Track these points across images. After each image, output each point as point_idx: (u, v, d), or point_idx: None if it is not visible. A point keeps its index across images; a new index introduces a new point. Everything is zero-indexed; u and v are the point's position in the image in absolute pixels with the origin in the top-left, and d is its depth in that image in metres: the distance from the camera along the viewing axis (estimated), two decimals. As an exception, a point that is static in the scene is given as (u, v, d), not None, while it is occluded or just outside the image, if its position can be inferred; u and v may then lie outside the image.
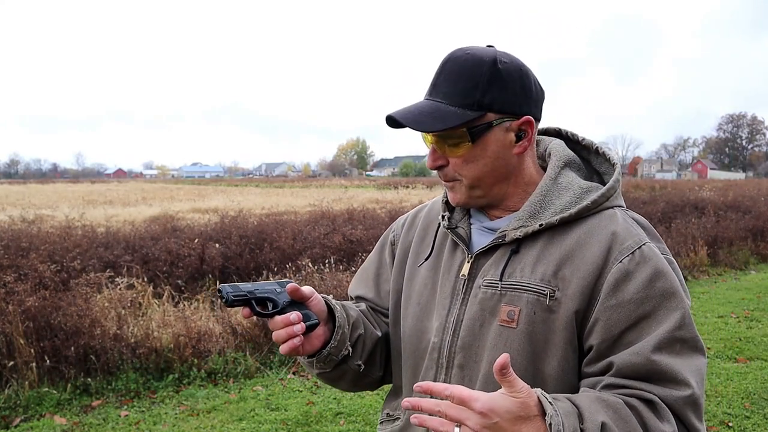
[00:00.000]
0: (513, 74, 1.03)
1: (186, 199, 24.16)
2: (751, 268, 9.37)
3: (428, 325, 1.12)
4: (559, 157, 1.11)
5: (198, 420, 3.92)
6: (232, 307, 1.05)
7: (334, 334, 1.11)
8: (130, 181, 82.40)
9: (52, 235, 7.65)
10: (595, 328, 0.97)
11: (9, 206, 18.74)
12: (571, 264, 1.00)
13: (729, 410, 3.99)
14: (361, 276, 1.33)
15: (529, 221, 1.04)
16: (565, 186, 1.07)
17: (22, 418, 3.87)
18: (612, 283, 0.97)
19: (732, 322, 6.13)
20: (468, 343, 1.05)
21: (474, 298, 1.06)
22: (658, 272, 0.97)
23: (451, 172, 1.06)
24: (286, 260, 6.85)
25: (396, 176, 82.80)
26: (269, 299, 1.07)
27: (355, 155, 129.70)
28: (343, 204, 14.76)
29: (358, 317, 1.19)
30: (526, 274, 1.02)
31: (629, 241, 1.00)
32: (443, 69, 1.04)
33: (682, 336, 0.95)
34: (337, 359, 1.13)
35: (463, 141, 1.02)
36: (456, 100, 1.01)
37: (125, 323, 4.66)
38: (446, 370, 1.07)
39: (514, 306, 1.01)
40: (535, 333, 0.99)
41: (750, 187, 23.86)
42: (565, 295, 0.99)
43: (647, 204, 12.54)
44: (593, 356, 0.98)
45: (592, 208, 1.04)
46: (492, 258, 1.07)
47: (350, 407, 4.11)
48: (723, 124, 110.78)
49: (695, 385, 0.93)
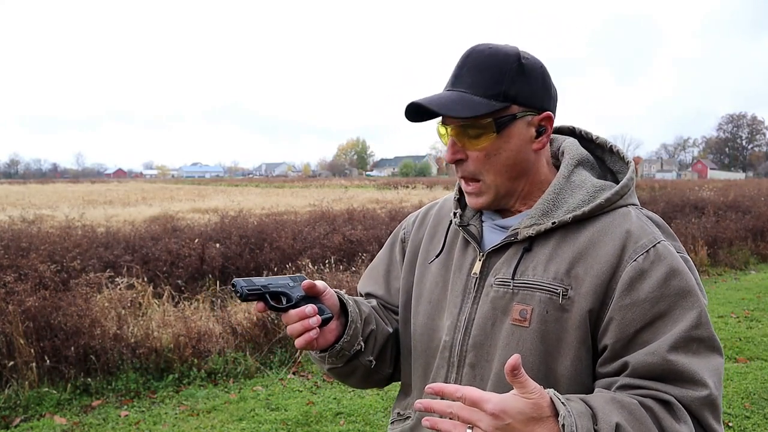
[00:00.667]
0: (536, 69, 1.04)
1: (186, 199, 24.16)
2: (751, 268, 9.37)
3: (439, 324, 1.12)
4: (573, 155, 1.11)
5: (198, 420, 3.92)
6: (246, 301, 1.05)
7: (346, 328, 1.11)
8: (130, 181, 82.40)
9: (52, 235, 7.66)
10: (609, 327, 0.96)
11: (9, 206, 18.74)
12: (585, 262, 0.99)
13: (729, 410, 3.99)
14: (371, 273, 1.33)
15: (541, 219, 1.04)
16: (579, 184, 1.06)
17: (22, 418, 3.87)
18: (626, 281, 0.95)
19: (732, 322, 6.13)
20: (480, 342, 1.04)
21: (486, 296, 1.05)
22: (673, 270, 0.96)
23: (471, 167, 1.05)
24: (286, 260, 6.85)
25: (396, 176, 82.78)
26: (283, 293, 1.06)
27: (355, 155, 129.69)
28: (343, 204, 14.77)
29: (370, 313, 1.19)
30: (538, 272, 1.01)
31: (644, 239, 0.98)
32: (466, 61, 1.03)
33: (699, 335, 0.93)
34: (350, 354, 1.13)
35: (488, 132, 1.01)
36: (481, 90, 1.00)
37: (125, 323, 4.66)
38: (458, 368, 1.07)
39: (527, 305, 1.00)
40: (547, 332, 0.98)
41: (750, 187, 23.86)
42: (579, 293, 0.98)
43: (647, 204, 12.54)
44: (608, 356, 0.97)
45: (605, 206, 1.03)
46: (504, 256, 1.06)
47: (350, 407, 4.11)
48: (723, 124, 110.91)
49: (713, 385, 0.91)
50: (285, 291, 1.07)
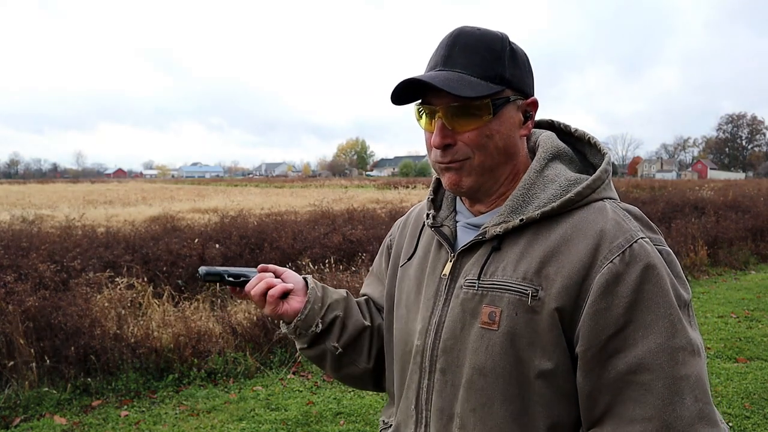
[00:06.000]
0: (523, 55, 1.03)
1: (186, 199, 24.15)
2: (751, 268, 9.36)
3: (412, 327, 1.09)
4: (547, 149, 1.06)
5: (198, 420, 3.92)
6: (205, 281, 1.22)
7: (302, 307, 1.16)
8: (130, 181, 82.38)
9: (52, 235, 7.66)
10: (581, 333, 0.91)
11: (9, 206, 18.74)
12: (556, 262, 0.93)
13: (729, 410, 3.99)
14: (369, 278, 1.36)
15: (510, 216, 0.99)
16: (552, 178, 1.01)
17: (22, 418, 3.87)
18: (602, 284, 0.90)
19: (732, 322, 6.13)
20: (450, 346, 1.00)
21: (456, 299, 1.01)
22: (648, 273, 0.90)
23: (463, 149, 0.99)
24: (286, 260, 6.85)
25: (396, 176, 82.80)
26: (242, 275, 1.18)
27: (355, 155, 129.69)
28: (343, 204, 14.77)
29: (339, 300, 1.22)
30: (507, 272, 0.96)
31: (620, 238, 0.92)
32: (456, 41, 0.99)
33: (678, 344, 0.88)
34: (306, 333, 1.17)
35: (484, 113, 0.97)
36: (477, 71, 0.96)
37: (125, 323, 4.66)
38: (429, 374, 1.03)
39: (495, 307, 0.96)
40: (517, 335, 0.94)
41: (750, 187, 23.86)
42: (549, 294, 0.92)
43: (647, 204, 12.53)
44: (581, 374, 0.92)
45: (576, 201, 0.97)
46: (474, 256, 1.02)
47: (350, 407, 4.11)
48: (723, 124, 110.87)
49: (699, 397, 0.88)
50: (244, 273, 1.18)
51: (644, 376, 0.88)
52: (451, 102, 0.96)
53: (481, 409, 0.97)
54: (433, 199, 1.16)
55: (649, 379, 0.87)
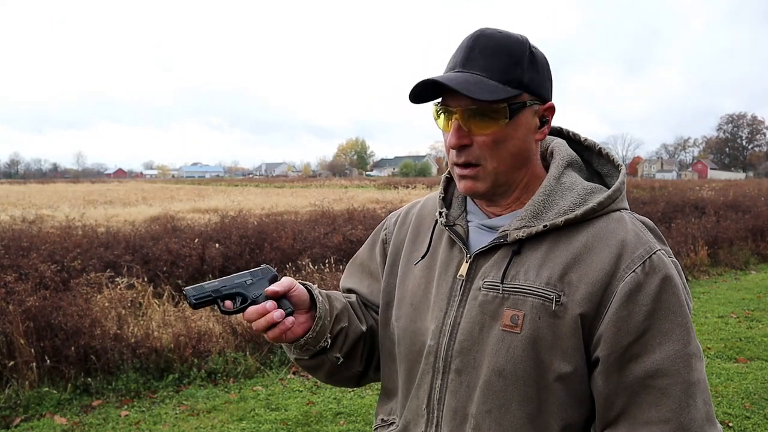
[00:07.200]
0: (543, 59, 1.02)
1: (186, 199, 24.17)
2: (751, 268, 9.36)
3: (422, 327, 1.08)
4: (563, 156, 1.08)
5: (198, 420, 3.92)
6: (198, 308, 1.02)
7: (314, 324, 1.10)
8: (130, 181, 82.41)
9: (52, 235, 7.67)
10: (603, 338, 0.94)
11: (9, 206, 18.75)
12: (579, 269, 0.96)
13: (729, 410, 3.99)
14: (352, 269, 1.31)
15: (532, 221, 1.00)
16: (569, 186, 1.03)
17: (22, 418, 3.87)
18: (625, 293, 0.93)
19: (732, 322, 6.13)
20: (467, 347, 1.00)
21: (473, 300, 1.01)
22: (666, 283, 0.94)
23: (477, 152, 1.00)
24: (287, 260, 6.86)
25: (396, 176, 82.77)
26: (238, 294, 1.05)
27: (355, 155, 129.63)
28: (343, 204, 14.79)
29: (343, 309, 1.17)
30: (530, 277, 0.98)
31: (640, 249, 0.96)
32: (476, 43, 0.99)
33: (691, 351, 0.93)
34: (315, 349, 1.12)
35: (501, 117, 0.97)
36: (496, 75, 0.97)
37: (125, 323, 4.67)
38: (443, 375, 1.03)
39: (518, 310, 0.97)
40: (539, 339, 0.95)
41: (750, 187, 23.88)
42: (572, 300, 0.95)
43: (647, 204, 12.54)
44: (600, 380, 0.96)
45: (597, 210, 1.00)
46: (492, 259, 1.02)
47: (350, 407, 4.11)
48: (723, 124, 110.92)
49: (706, 400, 0.94)
50: (239, 291, 1.05)
51: (662, 381, 0.92)
52: (468, 104, 0.97)
53: (497, 410, 0.97)
54: (443, 197, 1.15)
55: (667, 383, 0.91)
